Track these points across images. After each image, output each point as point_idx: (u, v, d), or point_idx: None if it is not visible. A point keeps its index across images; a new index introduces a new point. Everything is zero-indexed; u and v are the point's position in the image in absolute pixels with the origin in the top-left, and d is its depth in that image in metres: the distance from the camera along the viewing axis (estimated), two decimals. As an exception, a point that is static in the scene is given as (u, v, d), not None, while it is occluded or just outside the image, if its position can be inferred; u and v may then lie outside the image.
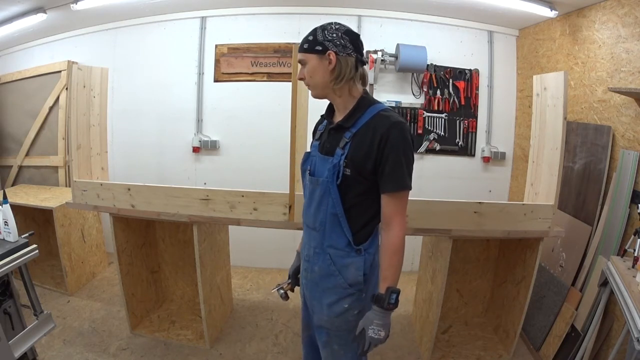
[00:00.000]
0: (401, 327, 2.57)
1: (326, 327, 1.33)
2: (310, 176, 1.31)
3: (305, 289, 1.40)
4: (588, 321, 2.00)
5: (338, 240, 1.26)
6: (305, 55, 1.21)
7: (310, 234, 1.33)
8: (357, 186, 1.22)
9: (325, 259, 1.28)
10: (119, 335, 2.42)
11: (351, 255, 1.26)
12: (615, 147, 2.12)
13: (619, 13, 2.11)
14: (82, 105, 2.26)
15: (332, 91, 1.25)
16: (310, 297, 1.37)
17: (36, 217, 3.07)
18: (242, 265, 3.43)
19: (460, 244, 2.52)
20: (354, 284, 1.27)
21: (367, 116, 1.22)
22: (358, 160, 1.19)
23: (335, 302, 1.28)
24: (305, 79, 1.25)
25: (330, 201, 1.24)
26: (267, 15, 3.19)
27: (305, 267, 1.37)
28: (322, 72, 1.21)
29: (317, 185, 1.27)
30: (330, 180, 1.22)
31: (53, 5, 2.69)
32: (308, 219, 1.34)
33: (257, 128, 3.28)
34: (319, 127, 1.40)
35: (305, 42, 1.22)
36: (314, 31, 1.22)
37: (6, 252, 1.65)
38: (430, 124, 3.26)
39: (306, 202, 1.35)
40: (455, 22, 3.18)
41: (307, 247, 1.35)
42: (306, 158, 1.36)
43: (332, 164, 1.22)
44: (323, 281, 1.30)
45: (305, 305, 1.47)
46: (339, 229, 1.25)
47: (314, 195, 1.29)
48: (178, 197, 2.11)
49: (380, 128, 1.17)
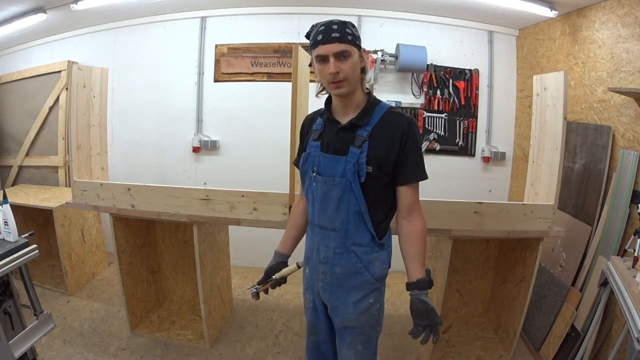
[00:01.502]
0: (401, 327, 2.57)
1: (352, 327, 1.33)
2: (320, 177, 1.27)
3: (322, 292, 1.35)
4: (588, 321, 2.00)
5: (362, 237, 1.27)
6: (351, 47, 1.16)
7: (328, 235, 1.30)
8: (378, 183, 1.24)
9: (350, 257, 1.28)
10: (119, 335, 2.42)
11: (375, 250, 1.29)
12: (615, 147, 2.12)
13: (619, 13, 2.11)
14: (82, 105, 2.26)
15: (359, 87, 1.25)
16: (331, 299, 1.33)
17: (36, 217, 3.07)
18: (242, 265, 3.42)
19: (460, 244, 2.52)
20: (380, 277, 1.31)
21: (378, 114, 1.24)
22: (381, 157, 1.21)
23: (362, 298, 1.30)
24: (341, 73, 1.16)
25: (352, 200, 1.23)
26: (267, 15, 3.19)
27: (323, 270, 1.32)
28: (358, 67, 1.21)
29: (333, 186, 1.24)
30: (352, 179, 1.22)
31: (53, 5, 2.69)
32: (323, 220, 1.30)
33: (257, 128, 3.28)
34: (314, 127, 1.34)
35: (345, 34, 1.15)
36: (346, 25, 1.17)
37: (6, 252, 1.65)
38: (430, 124, 3.26)
39: (318, 204, 1.30)
40: (455, 22, 3.18)
41: (324, 249, 1.31)
42: (306, 159, 1.32)
43: (350, 162, 1.21)
44: (348, 280, 1.30)
45: (314, 310, 1.43)
46: (362, 226, 1.26)
47: (329, 195, 1.26)
48: (178, 197, 2.11)
49: (399, 125, 1.22)
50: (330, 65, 1.15)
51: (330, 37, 1.14)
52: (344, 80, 1.17)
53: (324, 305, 1.39)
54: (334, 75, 1.16)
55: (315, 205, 1.32)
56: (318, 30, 1.17)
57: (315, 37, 1.17)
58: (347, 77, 1.17)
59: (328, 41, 1.14)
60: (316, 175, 1.28)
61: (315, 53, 1.19)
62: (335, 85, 1.19)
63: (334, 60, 1.15)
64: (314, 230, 1.35)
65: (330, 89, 1.22)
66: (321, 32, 1.16)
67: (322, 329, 1.44)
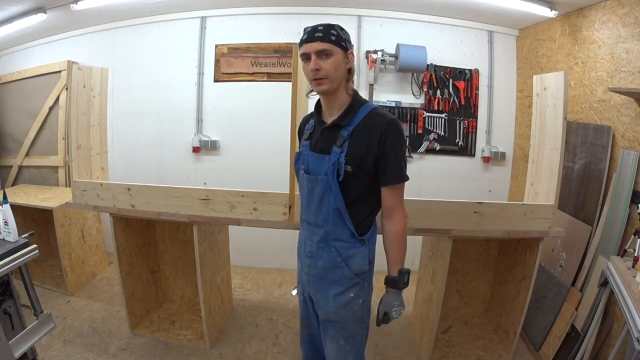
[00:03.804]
0: (401, 327, 2.57)
1: (333, 320, 1.36)
2: (306, 175, 1.34)
3: (308, 285, 1.42)
4: (588, 321, 2.00)
5: (342, 233, 1.31)
6: (333, 47, 1.21)
7: (313, 230, 1.36)
8: (358, 181, 1.27)
9: (331, 251, 1.33)
10: (119, 335, 2.42)
11: (356, 245, 1.32)
12: (615, 147, 2.12)
13: (619, 13, 2.11)
14: (82, 105, 2.26)
15: (342, 87, 1.28)
16: (314, 292, 1.39)
17: (36, 217, 3.07)
18: (242, 265, 3.43)
19: (460, 244, 2.52)
20: (359, 273, 1.33)
21: (361, 115, 1.27)
22: (359, 157, 1.24)
23: (341, 292, 1.33)
24: (321, 70, 1.21)
25: (332, 197, 1.28)
26: (267, 15, 3.19)
27: (308, 263, 1.39)
28: (343, 67, 1.25)
29: (316, 183, 1.30)
30: (331, 177, 1.26)
31: (53, 5, 2.69)
32: (309, 216, 1.37)
33: (257, 128, 3.27)
34: (306, 127, 1.42)
35: (330, 34, 1.21)
36: (332, 27, 1.22)
37: (6, 252, 1.65)
38: (430, 124, 3.26)
39: (305, 200, 1.38)
40: (455, 22, 3.18)
41: (309, 243, 1.38)
42: (298, 158, 1.40)
43: (330, 161, 1.26)
44: (328, 274, 1.34)
45: (305, 303, 1.49)
46: (341, 222, 1.30)
47: (313, 192, 1.32)
48: (178, 197, 2.11)
49: (378, 126, 1.23)
50: (312, 62, 1.21)
51: (314, 36, 1.21)
52: (325, 77, 1.22)
53: (311, 299, 1.44)
54: (314, 72, 1.22)
55: (303, 201, 1.40)
56: (305, 31, 1.25)
57: (302, 38, 1.25)
58: (327, 75, 1.22)
59: (311, 40, 1.21)
60: (304, 173, 1.36)
61: (300, 52, 1.26)
62: (316, 82, 1.24)
63: (315, 58, 1.21)
64: (303, 225, 1.43)
65: (313, 86, 1.27)
66: (307, 32, 1.23)
67: (313, 322, 1.49)
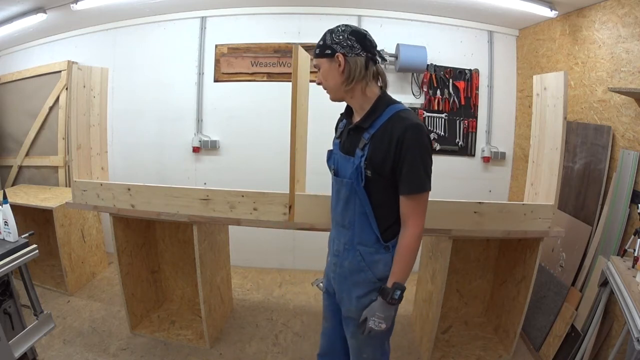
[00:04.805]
0: (401, 327, 2.57)
1: (354, 318, 1.37)
2: (334, 176, 1.36)
3: (333, 282, 1.43)
4: (588, 321, 2.00)
5: (367, 237, 1.30)
6: (318, 60, 1.25)
7: (340, 230, 1.38)
8: (379, 186, 1.25)
9: (355, 255, 1.33)
10: (119, 335, 2.42)
11: (380, 252, 1.31)
12: (615, 147, 2.12)
13: (619, 13, 2.11)
14: (82, 105, 2.26)
15: (345, 93, 1.27)
16: (339, 290, 1.41)
17: (36, 217, 3.07)
18: (242, 265, 3.43)
19: (460, 244, 2.52)
20: (382, 278, 1.31)
21: (385, 117, 1.23)
22: (377, 162, 1.22)
23: (364, 295, 1.33)
24: (321, 83, 1.29)
25: (357, 201, 1.28)
26: (267, 15, 3.19)
27: (335, 262, 1.41)
28: (334, 75, 1.23)
29: (342, 186, 1.32)
30: (355, 182, 1.26)
31: (53, 5, 2.69)
32: (336, 216, 1.39)
33: (257, 128, 3.27)
34: (340, 125, 1.43)
35: (317, 47, 1.25)
36: (324, 36, 1.25)
37: (6, 252, 1.65)
38: (431, 124, 3.26)
39: (333, 201, 1.40)
40: (455, 22, 3.18)
41: (337, 243, 1.39)
42: (329, 156, 1.41)
43: (354, 165, 1.26)
44: (352, 275, 1.35)
45: (328, 294, 1.51)
46: (368, 227, 1.29)
47: (340, 194, 1.34)
48: (178, 197, 2.11)
49: (397, 130, 1.17)
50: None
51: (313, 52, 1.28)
52: (326, 89, 1.29)
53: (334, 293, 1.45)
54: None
55: (332, 200, 1.42)
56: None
57: None
58: (325, 87, 1.29)
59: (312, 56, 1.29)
60: (333, 175, 1.38)
61: None
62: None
63: (318, 73, 1.28)
64: (332, 223, 1.45)
65: None
66: None
67: (330, 316, 1.52)
